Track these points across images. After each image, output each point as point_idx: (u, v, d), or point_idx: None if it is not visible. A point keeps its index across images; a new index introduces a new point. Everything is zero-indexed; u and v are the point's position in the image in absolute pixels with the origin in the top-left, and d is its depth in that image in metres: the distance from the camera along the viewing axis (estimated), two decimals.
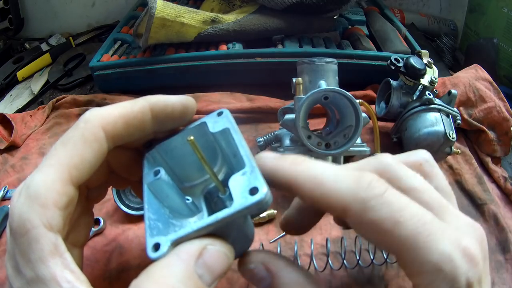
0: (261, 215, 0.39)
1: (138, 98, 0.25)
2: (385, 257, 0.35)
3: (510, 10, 0.63)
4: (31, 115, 0.56)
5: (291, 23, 0.60)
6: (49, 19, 0.84)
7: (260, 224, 0.39)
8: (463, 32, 0.79)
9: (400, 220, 0.19)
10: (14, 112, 0.60)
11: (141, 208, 0.36)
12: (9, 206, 0.22)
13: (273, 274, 0.22)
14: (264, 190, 0.20)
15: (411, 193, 0.21)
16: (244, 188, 0.21)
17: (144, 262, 0.35)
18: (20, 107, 0.62)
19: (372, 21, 0.69)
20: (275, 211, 0.40)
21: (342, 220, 0.28)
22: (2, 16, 0.75)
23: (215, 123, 0.26)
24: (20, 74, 0.69)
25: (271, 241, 0.38)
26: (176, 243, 0.21)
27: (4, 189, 0.44)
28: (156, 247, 0.21)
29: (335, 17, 0.65)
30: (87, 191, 0.27)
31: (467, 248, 0.20)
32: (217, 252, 0.21)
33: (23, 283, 0.21)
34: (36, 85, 0.67)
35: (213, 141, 0.26)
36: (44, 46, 0.76)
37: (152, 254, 0.21)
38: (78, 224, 0.26)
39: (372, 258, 0.35)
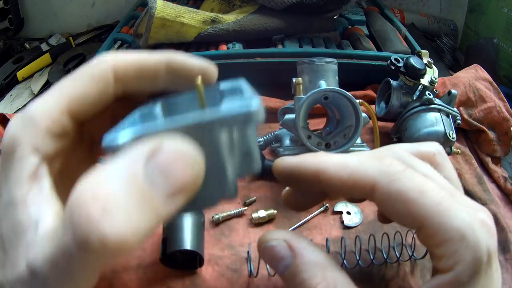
0: (261, 215, 0.39)
1: (159, 52, 0.24)
2: (385, 257, 0.35)
3: (510, 10, 0.63)
4: None
5: (291, 23, 0.60)
6: (49, 19, 0.84)
7: (260, 224, 0.39)
8: (463, 32, 0.79)
9: (423, 190, 0.20)
10: (14, 112, 0.60)
11: None
12: (7, 126, 0.22)
13: (295, 253, 0.22)
14: (254, 104, 0.18)
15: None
16: (235, 104, 0.19)
17: (144, 262, 0.35)
18: (20, 107, 0.62)
19: (372, 21, 0.69)
20: (275, 211, 0.40)
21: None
22: (2, 16, 0.75)
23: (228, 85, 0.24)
24: (20, 74, 0.69)
25: None
26: (137, 140, 0.17)
27: None
28: (114, 138, 0.18)
29: (335, 17, 0.65)
30: (92, 142, 0.27)
31: (484, 220, 0.21)
32: (175, 152, 0.17)
33: (1, 210, 0.21)
34: (36, 85, 0.67)
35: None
36: (44, 46, 0.76)
37: (104, 143, 0.18)
38: (78, 172, 0.24)
39: (372, 258, 0.35)
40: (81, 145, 0.25)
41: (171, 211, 0.17)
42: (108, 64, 0.23)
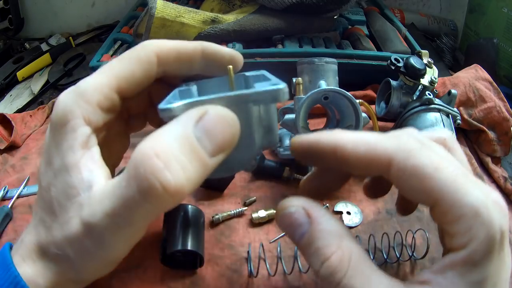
0: (261, 215, 0.39)
1: (194, 41, 0.28)
2: (385, 257, 0.35)
3: (510, 10, 0.63)
4: (31, 115, 0.56)
5: (291, 23, 0.60)
6: (49, 19, 0.84)
7: (260, 224, 0.39)
8: (463, 32, 0.79)
9: (439, 167, 0.21)
10: (14, 112, 0.60)
11: None
12: (56, 101, 0.25)
13: (313, 219, 0.22)
14: (282, 85, 0.22)
15: None
16: (265, 85, 0.22)
17: (144, 263, 0.35)
18: (20, 107, 0.62)
19: (372, 21, 0.69)
20: (275, 211, 0.40)
21: (376, 183, 0.30)
22: (2, 16, 0.75)
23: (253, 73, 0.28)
24: (20, 74, 0.69)
25: (271, 241, 0.38)
26: (186, 108, 0.21)
27: (4, 189, 0.44)
28: (169, 104, 0.21)
29: (335, 17, 0.65)
30: (129, 117, 0.30)
31: (497, 200, 0.21)
32: (219, 116, 0.21)
33: (51, 176, 0.24)
34: (36, 85, 0.67)
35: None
36: (44, 46, 0.77)
37: (161, 105, 0.21)
38: (115, 143, 0.29)
39: (372, 258, 0.35)
40: (120, 119, 0.28)
41: (214, 165, 0.21)
42: (153, 49, 0.26)
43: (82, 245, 0.22)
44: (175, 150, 0.19)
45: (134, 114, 0.31)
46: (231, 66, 0.26)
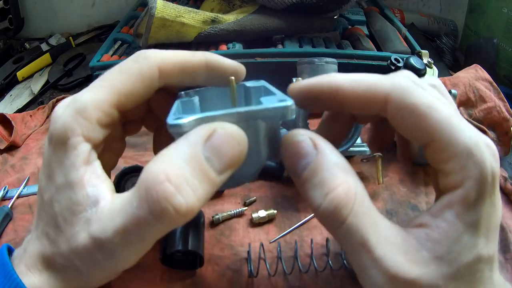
0: (261, 215, 0.39)
1: (198, 52, 0.28)
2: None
3: (510, 10, 0.63)
4: (31, 115, 0.56)
5: (291, 23, 0.60)
6: (49, 19, 0.84)
7: (260, 224, 0.39)
8: (463, 32, 0.79)
9: (434, 106, 0.21)
10: (14, 112, 0.60)
11: None
12: (53, 114, 0.25)
13: (319, 150, 0.22)
14: (290, 102, 0.22)
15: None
16: (273, 100, 0.22)
17: (144, 263, 0.35)
18: (20, 107, 0.62)
19: (372, 21, 0.69)
20: (275, 211, 0.40)
21: (377, 134, 0.30)
22: (2, 16, 0.75)
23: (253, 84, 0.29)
24: (20, 74, 0.69)
25: (271, 241, 0.38)
26: (196, 123, 0.21)
27: (4, 189, 0.44)
28: (178, 120, 0.21)
29: (335, 17, 0.65)
30: (125, 122, 0.30)
31: (489, 143, 0.21)
32: (227, 135, 0.21)
33: (53, 191, 0.24)
34: (36, 85, 0.67)
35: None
36: (44, 46, 0.76)
37: (170, 121, 0.21)
38: (111, 149, 0.29)
39: None
40: (117, 126, 0.28)
41: (222, 182, 0.21)
42: (156, 63, 0.26)
43: (91, 257, 0.22)
44: (186, 173, 0.20)
45: (131, 120, 0.30)
46: (233, 78, 0.26)
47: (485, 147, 0.21)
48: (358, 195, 0.21)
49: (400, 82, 0.22)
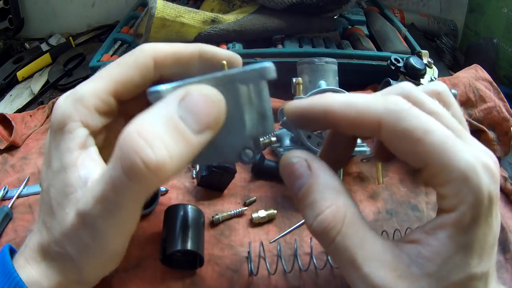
0: (261, 215, 0.39)
1: (192, 44, 0.28)
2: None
3: (510, 10, 0.63)
4: (31, 115, 0.56)
5: (291, 23, 0.60)
6: (49, 19, 0.84)
7: (260, 224, 0.39)
8: (463, 32, 0.79)
9: (428, 130, 0.20)
10: (14, 112, 0.60)
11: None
12: (54, 105, 0.26)
13: (313, 172, 0.23)
14: (268, 64, 0.22)
15: (433, 116, 0.22)
16: (253, 65, 0.23)
17: (144, 263, 0.35)
18: (20, 107, 0.62)
19: (372, 21, 0.69)
20: (275, 211, 0.40)
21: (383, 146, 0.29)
22: (2, 16, 0.75)
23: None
24: (20, 74, 0.69)
25: (271, 241, 0.38)
26: (174, 90, 0.22)
27: (4, 189, 0.44)
28: (157, 87, 0.22)
29: (335, 17, 0.65)
30: (128, 118, 0.31)
31: (488, 164, 0.20)
32: (202, 95, 0.21)
33: (50, 177, 0.25)
34: (36, 85, 0.67)
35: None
36: (44, 46, 0.76)
37: (149, 89, 0.22)
38: (113, 144, 0.29)
39: None
40: (120, 121, 0.28)
41: (200, 143, 0.21)
42: (150, 53, 0.27)
43: (79, 238, 0.23)
44: (158, 129, 0.20)
45: (133, 114, 0.31)
46: (225, 62, 0.26)
47: (482, 170, 0.20)
48: (348, 216, 0.21)
49: (394, 105, 0.21)
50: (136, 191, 0.20)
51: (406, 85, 0.24)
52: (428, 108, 0.22)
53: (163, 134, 0.20)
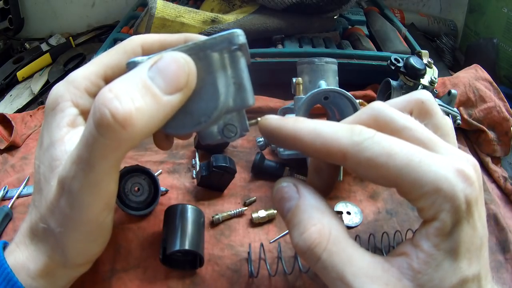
0: (261, 215, 0.39)
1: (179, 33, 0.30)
2: (385, 256, 0.35)
3: (510, 10, 0.63)
4: (31, 115, 0.56)
5: (291, 23, 0.60)
6: (49, 19, 0.84)
7: (260, 224, 0.39)
8: (463, 32, 0.79)
9: (391, 153, 0.21)
10: (14, 112, 0.60)
11: (141, 208, 0.36)
12: (51, 89, 0.28)
13: (301, 195, 0.24)
14: (238, 31, 0.24)
15: (404, 132, 0.23)
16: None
17: (144, 263, 0.35)
18: (20, 107, 0.62)
19: (372, 21, 0.69)
20: (275, 211, 0.40)
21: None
22: (2, 16, 0.75)
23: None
24: (20, 74, 0.69)
25: (271, 241, 0.38)
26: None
27: (4, 189, 0.44)
28: (134, 58, 0.24)
29: (335, 17, 0.65)
30: None
31: (461, 169, 0.21)
32: (171, 58, 0.22)
33: (40, 155, 0.26)
34: (36, 85, 0.67)
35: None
36: (44, 46, 0.76)
37: (128, 61, 0.24)
38: None
39: None
40: None
41: (170, 103, 0.22)
42: (138, 41, 0.29)
43: (59, 210, 0.24)
44: (127, 86, 0.21)
45: None
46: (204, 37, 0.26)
47: (455, 175, 0.20)
48: (333, 234, 0.22)
49: (358, 134, 0.22)
50: (107, 145, 0.21)
51: (376, 105, 0.24)
52: (398, 125, 0.23)
53: (131, 90, 0.21)
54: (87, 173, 0.22)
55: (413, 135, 0.22)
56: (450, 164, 0.21)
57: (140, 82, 0.21)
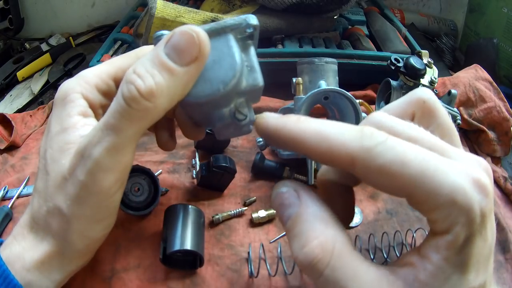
0: (261, 215, 0.39)
1: None
2: (385, 256, 0.35)
3: (510, 10, 0.63)
4: (31, 115, 0.56)
5: (291, 23, 0.60)
6: (49, 19, 0.84)
7: (260, 224, 0.39)
8: (463, 32, 0.79)
9: (405, 161, 0.19)
10: (14, 112, 0.60)
11: (141, 208, 0.36)
12: (60, 86, 0.30)
13: (302, 202, 0.22)
14: (251, 16, 0.26)
15: (411, 142, 0.21)
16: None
17: (145, 263, 0.35)
18: (20, 107, 0.62)
19: (372, 21, 0.69)
20: (275, 211, 0.40)
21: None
22: (2, 16, 0.75)
23: None
24: (20, 74, 0.69)
25: (271, 241, 0.38)
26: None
27: (4, 189, 0.44)
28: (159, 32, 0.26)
29: (335, 17, 0.65)
30: None
31: (478, 179, 0.19)
32: (182, 32, 0.23)
33: (47, 142, 0.28)
34: (36, 85, 0.67)
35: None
36: (44, 46, 0.76)
37: (154, 34, 0.26)
38: None
39: (372, 258, 0.35)
40: None
41: (187, 74, 0.24)
42: (150, 47, 0.31)
43: (72, 179, 0.25)
44: (147, 65, 0.23)
45: None
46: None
47: (472, 187, 0.19)
48: (337, 248, 0.20)
49: (368, 139, 0.20)
50: (134, 114, 0.23)
51: (376, 116, 0.23)
52: (404, 136, 0.21)
53: (151, 69, 0.23)
54: (113, 138, 0.24)
55: (422, 144, 0.21)
56: (466, 173, 0.19)
57: (157, 60, 0.23)
